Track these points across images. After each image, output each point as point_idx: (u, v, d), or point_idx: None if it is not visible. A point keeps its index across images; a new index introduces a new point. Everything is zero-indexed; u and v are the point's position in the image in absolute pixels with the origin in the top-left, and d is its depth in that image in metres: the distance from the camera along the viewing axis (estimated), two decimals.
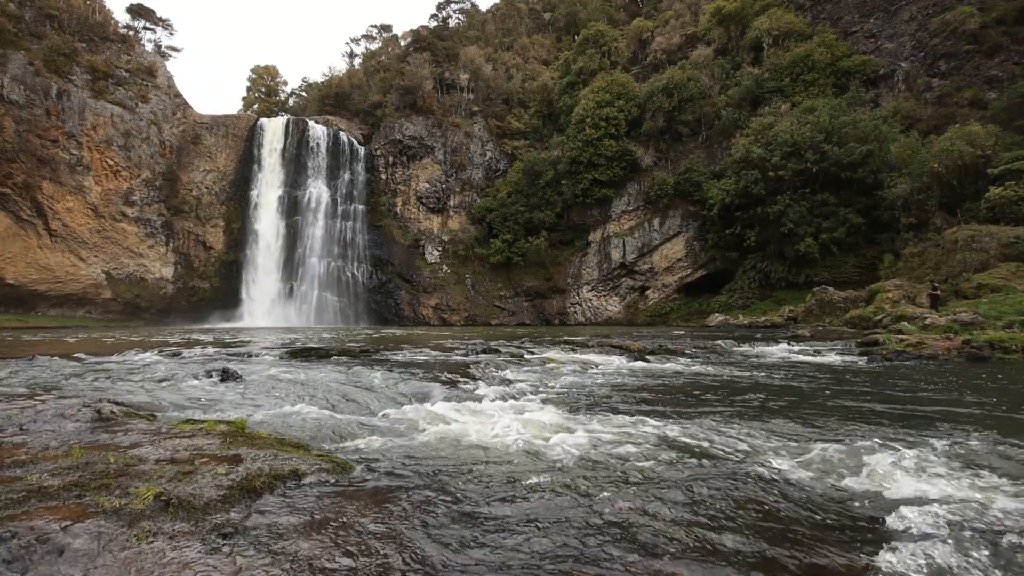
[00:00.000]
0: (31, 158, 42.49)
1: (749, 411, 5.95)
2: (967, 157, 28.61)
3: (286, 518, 2.50)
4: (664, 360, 12.01)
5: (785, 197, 36.19)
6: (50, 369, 8.28)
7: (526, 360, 10.97)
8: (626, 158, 46.80)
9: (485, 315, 50.59)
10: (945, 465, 3.64)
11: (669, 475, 3.46)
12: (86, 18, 48.86)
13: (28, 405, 4.38)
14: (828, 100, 37.80)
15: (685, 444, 4.31)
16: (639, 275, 47.41)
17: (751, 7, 48.53)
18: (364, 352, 12.09)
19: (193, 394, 6.26)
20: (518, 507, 2.85)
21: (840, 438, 4.55)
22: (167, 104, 50.44)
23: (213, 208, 51.49)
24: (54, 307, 46.23)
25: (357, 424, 4.96)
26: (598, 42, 56.48)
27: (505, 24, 74.40)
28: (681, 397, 7.10)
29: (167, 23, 59.72)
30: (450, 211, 54.23)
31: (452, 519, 2.67)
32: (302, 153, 52.01)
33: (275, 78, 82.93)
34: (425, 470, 3.50)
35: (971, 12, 35.21)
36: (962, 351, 11.66)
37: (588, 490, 3.13)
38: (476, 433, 4.60)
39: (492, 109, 58.09)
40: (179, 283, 50.09)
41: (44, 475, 2.70)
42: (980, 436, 4.59)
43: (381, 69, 62.59)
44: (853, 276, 33.66)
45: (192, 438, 3.61)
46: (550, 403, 6.45)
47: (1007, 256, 23.20)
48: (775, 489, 3.22)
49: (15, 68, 41.87)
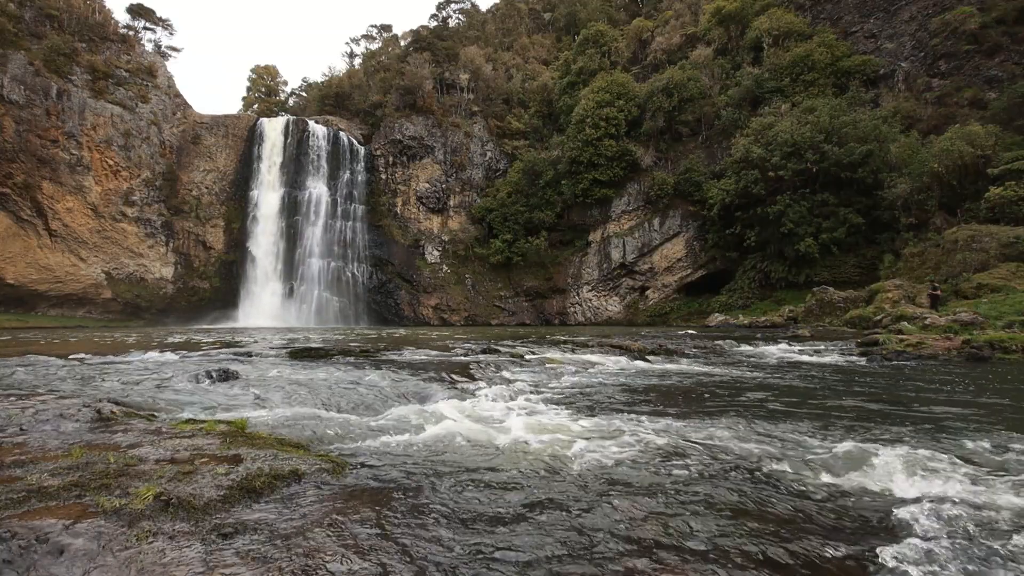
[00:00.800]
0: (31, 158, 42.50)
1: (749, 411, 5.95)
2: (967, 157, 28.62)
3: (286, 518, 2.50)
4: (664, 360, 12.00)
5: (785, 197, 36.20)
6: (50, 369, 8.27)
7: (526, 360, 10.97)
8: (626, 158, 46.81)
9: (485, 315, 50.60)
10: (947, 464, 3.64)
11: (669, 475, 3.45)
12: (86, 18, 48.87)
13: (28, 405, 4.38)
14: (828, 100, 37.81)
15: (685, 444, 4.31)
16: (639, 275, 47.41)
17: (751, 7, 48.55)
18: (364, 352, 12.09)
19: (193, 394, 6.25)
20: (518, 507, 2.85)
21: (841, 438, 4.54)
22: (167, 104, 50.45)
23: (213, 208, 51.51)
24: (54, 307, 46.24)
25: (357, 424, 4.96)
26: (598, 42, 56.50)
27: (505, 24, 74.41)
28: (681, 397, 7.09)
29: (167, 23, 59.80)
30: (450, 211, 54.25)
31: (452, 519, 2.67)
32: (302, 153, 52.02)
33: (275, 78, 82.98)
34: (425, 470, 3.50)
35: (971, 12, 35.23)
36: (962, 351, 11.65)
37: (588, 489, 3.13)
38: (476, 433, 4.60)
39: (492, 109, 58.10)
40: (179, 283, 50.10)
41: (44, 475, 2.70)
42: (981, 436, 4.59)
43: (381, 69, 62.61)
44: (853, 276, 33.67)
45: (192, 438, 3.61)
46: (550, 403, 6.45)
47: (1007, 256, 23.21)
48: (777, 489, 3.22)
49: (15, 68, 41.89)
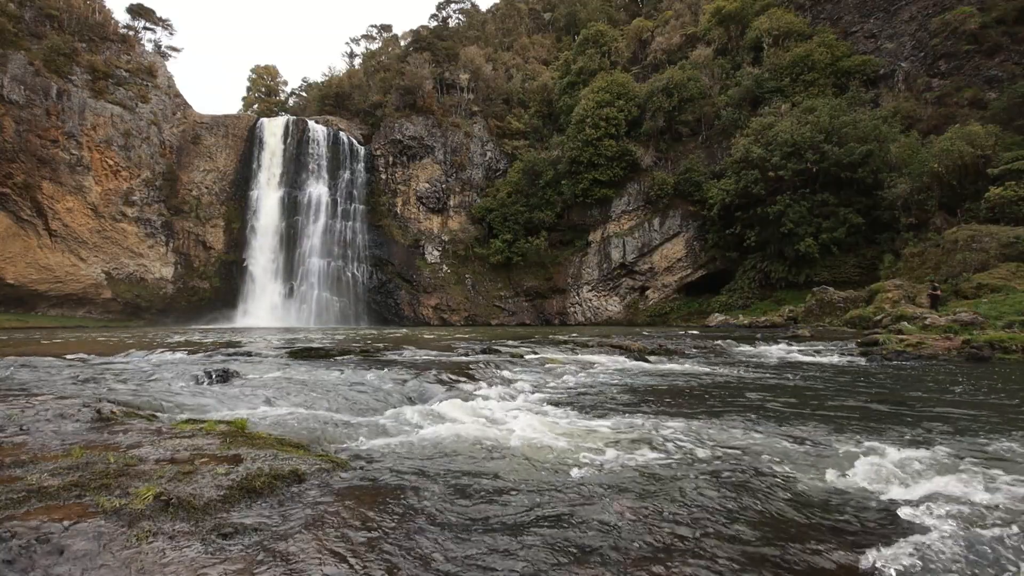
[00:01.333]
0: (31, 158, 42.49)
1: (749, 411, 5.95)
2: (967, 157, 28.62)
3: (286, 519, 2.50)
4: (664, 360, 12.01)
5: (785, 197, 36.19)
6: (50, 369, 8.27)
7: (526, 360, 10.97)
8: (626, 158, 46.80)
9: (485, 315, 50.59)
10: (947, 464, 3.64)
11: (670, 475, 3.45)
12: (86, 18, 48.86)
13: (28, 405, 4.38)
14: (828, 100, 37.79)
15: (684, 443, 4.31)
16: (639, 275, 47.40)
17: (751, 7, 48.53)
18: (364, 352, 12.09)
19: (193, 394, 6.25)
20: (519, 507, 2.85)
21: (841, 438, 4.55)
22: (167, 104, 50.44)
23: (213, 208, 51.50)
24: (54, 307, 46.23)
25: (357, 424, 4.96)
26: (598, 42, 56.48)
27: (505, 24, 74.39)
28: (681, 397, 7.09)
29: (167, 23, 59.76)
30: (450, 211, 54.23)
31: (452, 519, 2.67)
32: (302, 153, 52.01)
33: (275, 78, 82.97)
34: (425, 470, 3.50)
35: (971, 12, 35.21)
36: (962, 351, 11.66)
37: (587, 488, 3.13)
38: (476, 433, 4.60)
39: (492, 109, 58.07)
40: (179, 283, 50.09)
41: (44, 475, 2.70)
42: (981, 436, 4.59)
43: (381, 69, 62.59)
44: (853, 276, 33.65)
45: (192, 438, 3.61)
46: (550, 403, 6.45)
47: (1007, 256, 23.21)
48: (778, 489, 3.21)
49: (15, 68, 41.87)
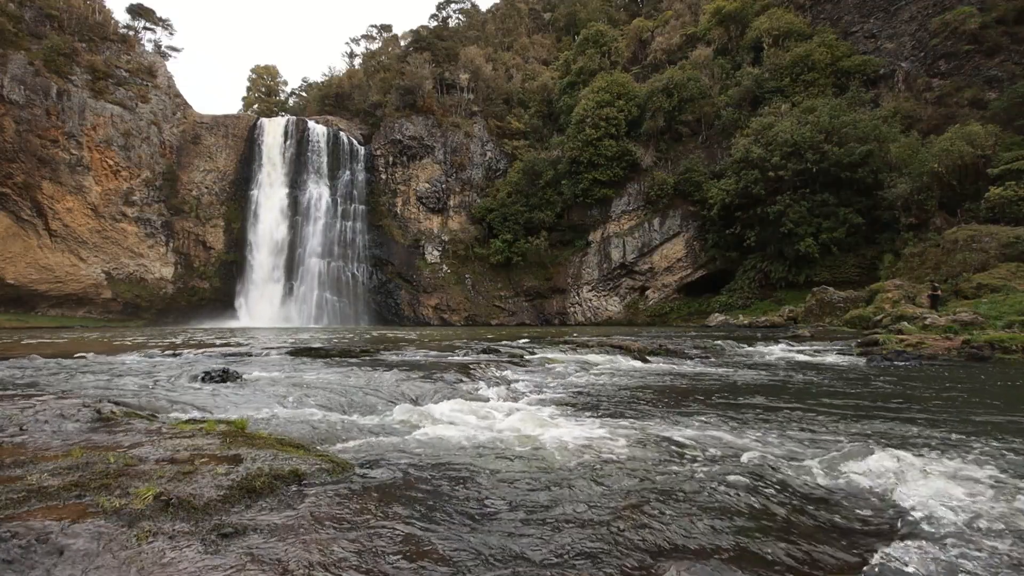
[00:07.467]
0: (31, 158, 42.51)
1: (749, 411, 5.95)
2: (967, 157, 28.63)
3: (286, 518, 2.50)
4: (664, 360, 12.00)
5: (785, 197, 36.21)
6: (50, 369, 8.27)
7: (526, 360, 10.97)
8: (626, 158, 46.82)
9: (485, 315, 50.59)
10: (947, 465, 3.64)
11: (670, 474, 3.45)
12: (86, 18, 48.88)
13: (28, 405, 4.38)
14: (828, 100, 37.83)
15: (685, 444, 4.31)
16: (639, 275, 47.41)
17: (751, 7, 48.56)
18: (364, 352, 12.09)
19: (193, 394, 6.25)
20: (519, 508, 2.85)
21: (841, 438, 4.54)
22: (167, 104, 50.46)
23: (213, 208, 51.51)
24: (54, 307, 46.24)
25: (357, 424, 4.96)
26: (598, 42, 56.50)
27: (505, 24, 74.39)
28: (681, 398, 7.09)
29: (167, 23, 59.79)
30: (450, 211, 54.24)
31: (452, 519, 2.67)
32: (302, 153, 52.04)
33: (275, 78, 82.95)
34: (425, 470, 3.50)
35: (971, 12, 35.23)
36: (962, 351, 11.65)
37: (586, 488, 3.13)
38: (476, 433, 4.60)
39: (492, 109, 58.09)
40: (179, 283, 50.11)
41: (44, 475, 2.70)
42: (982, 436, 4.59)
43: (381, 69, 62.60)
44: (853, 276, 33.67)
45: (192, 438, 3.61)
46: (550, 403, 6.45)
47: (1007, 256, 23.21)
48: (778, 489, 3.21)
49: (15, 68, 41.89)
